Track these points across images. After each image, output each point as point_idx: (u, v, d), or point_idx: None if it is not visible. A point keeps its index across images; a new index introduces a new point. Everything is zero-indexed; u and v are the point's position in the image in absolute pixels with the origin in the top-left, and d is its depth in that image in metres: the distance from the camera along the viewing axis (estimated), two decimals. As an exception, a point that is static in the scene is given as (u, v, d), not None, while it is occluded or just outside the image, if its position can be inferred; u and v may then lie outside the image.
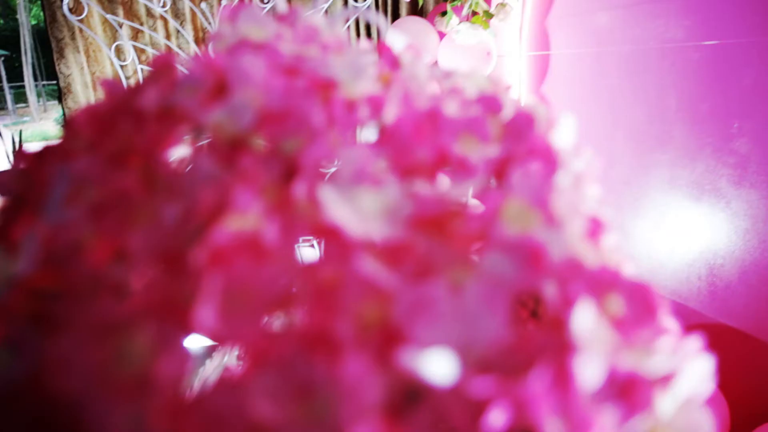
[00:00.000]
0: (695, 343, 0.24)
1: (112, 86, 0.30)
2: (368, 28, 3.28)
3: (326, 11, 3.22)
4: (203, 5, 2.78)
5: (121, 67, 2.77)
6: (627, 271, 0.27)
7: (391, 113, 0.25)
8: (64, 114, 2.87)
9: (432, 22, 2.45)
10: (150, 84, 0.29)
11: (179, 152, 0.26)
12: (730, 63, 1.81)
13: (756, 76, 1.75)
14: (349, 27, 3.17)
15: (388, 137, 0.25)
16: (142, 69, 2.76)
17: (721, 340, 1.97)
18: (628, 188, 2.24)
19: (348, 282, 0.19)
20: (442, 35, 2.42)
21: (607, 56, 2.22)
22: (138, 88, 0.30)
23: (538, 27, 2.51)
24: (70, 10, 2.52)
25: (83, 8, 2.56)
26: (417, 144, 0.24)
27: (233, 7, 0.35)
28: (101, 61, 2.95)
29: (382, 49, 0.35)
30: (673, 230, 2.10)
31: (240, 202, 0.20)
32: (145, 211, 0.22)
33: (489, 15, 2.18)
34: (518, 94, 2.67)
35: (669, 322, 0.27)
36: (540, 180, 0.23)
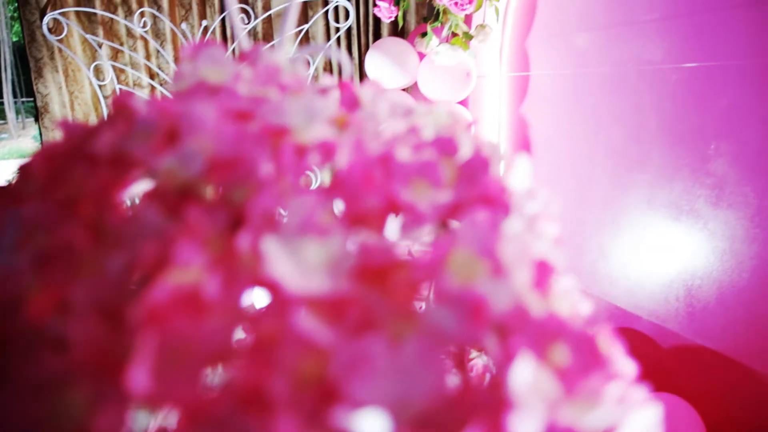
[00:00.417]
0: (643, 392, 0.24)
1: (68, 127, 0.30)
2: (350, 46, 3.31)
3: (307, 32, 3.24)
4: (183, 26, 2.79)
5: (100, 86, 2.76)
6: (579, 316, 0.27)
7: (341, 159, 0.25)
8: (40, 133, 2.86)
9: (412, 42, 2.47)
10: (106, 127, 0.29)
11: (129, 199, 0.26)
12: (707, 85, 1.84)
13: (731, 99, 1.78)
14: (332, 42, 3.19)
15: (338, 184, 0.25)
16: (120, 89, 2.76)
17: (699, 361, 1.98)
18: (607, 208, 2.26)
19: (285, 339, 0.19)
20: (422, 56, 2.44)
21: (587, 77, 2.25)
22: (94, 130, 0.30)
23: (518, 47, 2.54)
24: (50, 29, 2.52)
25: (63, 28, 2.56)
26: (366, 191, 0.25)
27: (195, 45, 0.35)
28: (80, 81, 2.94)
29: (343, 86, 0.35)
30: (651, 250, 2.12)
31: (182, 255, 0.20)
32: (90, 262, 0.22)
33: (468, 36, 2.20)
34: (498, 114, 2.70)
35: (622, 366, 0.27)
36: (488, 228, 0.23)
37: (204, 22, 2.89)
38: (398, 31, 3.35)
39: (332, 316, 0.20)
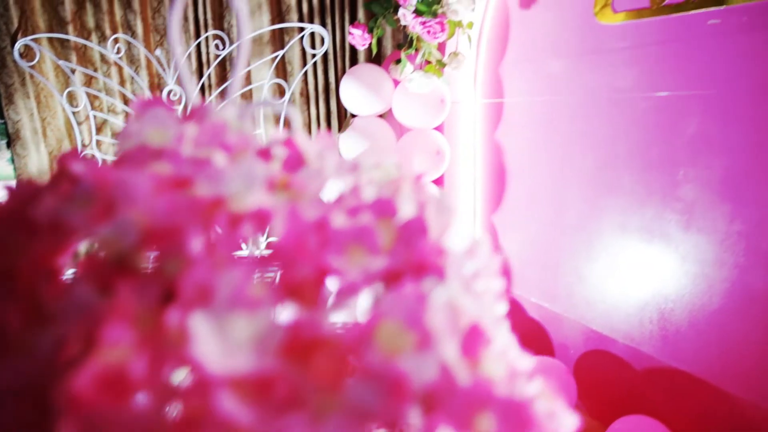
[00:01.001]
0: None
1: (12, 191, 0.30)
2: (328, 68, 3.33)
3: (284, 57, 3.26)
4: (158, 51, 2.79)
5: (74, 113, 2.75)
6: (514, 377, 0.28)
7: (276, 229, 0.26)
8: (12, 159, 2.83)
9: (387, 69, 2.49)
10: (47, 191, 0.29)
11: (66, 268, 0.26)
12: (675, 113, 1.88)
13: (699, 126, 1.81)
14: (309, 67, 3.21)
15: (273, 253, 0.26)
16: (95, 115, 2.74)
17: (673, 383, 2.00)
18: (582, 232, 2.28)
19: (208, 420, 0.19)
20: (397, 82, 2.46)
21: (559, 104, 2.29)
22: (37, 193, 0.30)
23: (492, 74, 2.57)
24: (21, 55, 2.51)
25: (35, 54, 2.55)
26: (300, 261, 0.25)
27: (146, 100, 0.35)
28: (52, 107, 2.93)
29: (289, 144, 0.35)
30: (625, 274, 2.14)
31: (110, 334, 0.21)
32: (21, 341, 0.22)
33: (442, 64, 2.23)
34: (474, 139, 2.72)
35: (561, 422, 0.27)
36: (416, 300, 0.24)
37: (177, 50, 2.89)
38: (375, 56, 3.37)
39: (256, 395, 0.20)
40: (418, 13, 2.10)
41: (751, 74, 1.66)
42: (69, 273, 0.26)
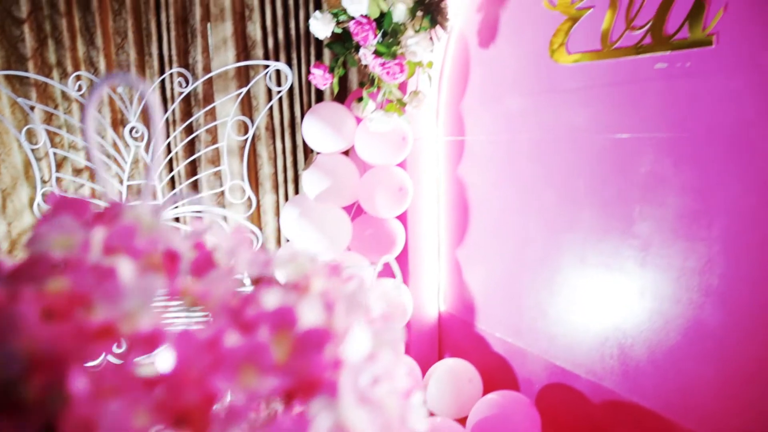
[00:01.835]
0: None
1: None
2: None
3: (249, 92, 3.27)
4: (120, 89, 2.77)
5: (32, 150, 2.71)
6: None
7: (166, 358, 0.26)
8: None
9: (349, 107, 2.51)
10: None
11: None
12: (629, 153, 1.92)
13: (652, 166, 1.86)
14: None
15: (161, 378, 0.25)
16: (54, 152, 2.71)
17: (633, 419, 2.01)
18: (543, 267, 2.31)
19: None
20: (359, 120, 2.48)
21: (519, 141, 2.32)
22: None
23: (454, 111, 2.61)
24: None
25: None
26: (188, 386, 0.25)
27: (59, 200, 0.35)
28: (7, 144, 2.88)
29: (198, 246, 0.35)
30: (586, 309, 2.16)
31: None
32: None
33: (402, 103, 2.25)
34: (437, 176, 2.75)
35: None
36: (300, 427, 0.24)
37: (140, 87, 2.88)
38: (341, 91, 3.40)
39: None
40: (377, 53, 2.13)
41: (697, 117, 1.71)
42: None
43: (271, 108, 3.39)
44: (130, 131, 2.77)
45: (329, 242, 2.42)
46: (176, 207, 3.19)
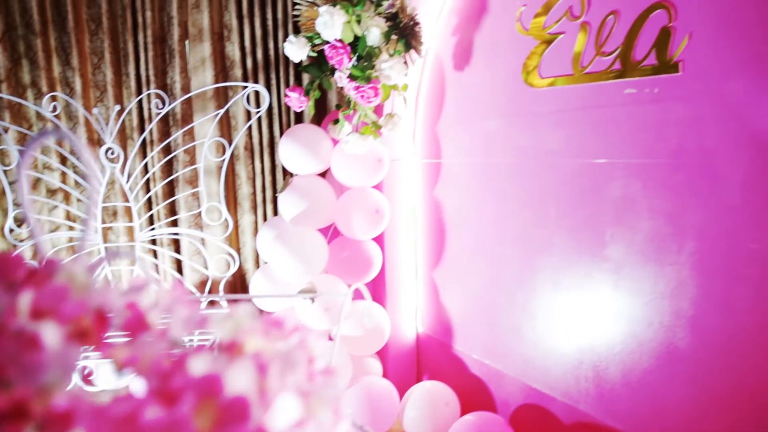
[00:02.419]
0: None
1: None
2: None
3: (228, 112, 3.26)
4: (96, 110, 2.76)
5: (5, 171, 2.68)
6: None
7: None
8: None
9: (326, 128, 2.51)
10: None
11: None
12: (601, 177, 1.93)
13: (622, 191, 1.87)
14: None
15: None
16: (28, 174, 2.68)
17: (607, 442, 2.01)
18: (518, 290, 2.31)
19: None
20: (336, 142, 2.48)
21: (494, 164, 2.33)
22: None
23: (430, 133, 2.62)
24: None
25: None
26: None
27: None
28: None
29: (131, 307, 0.35)
30: (561, 332, 2.16)
31: None
32: None
33: (377, 126, 2.26)
34: (414, 197, 2.75)
35: None
36: None
37: (116, 107, 2.86)
38: (319, 110, 3.40)
39: None
40: (352, 77, 2.13)
41: (665, 143, 1.72)
42: None
43: (250, 128, 3.38)
44: (106, 152, 2.75)
45: (305, 265, 2.41)
46: (152, 229, 3.16)
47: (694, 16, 1.61)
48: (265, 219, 3.51)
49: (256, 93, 3.20)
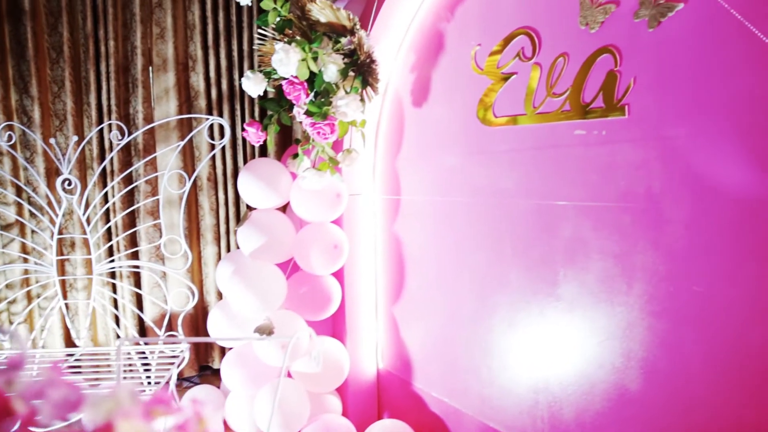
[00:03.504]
0: None
1: None
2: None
3: (192, 141, 3.23)
4: (53, 140, 2.72)
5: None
6: None
7: None
8: None
9: (285, 163, 2.49)
10: None
11: None
12: (552, 217, 1.94)
13: (573, 231, 1.87)
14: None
15: None
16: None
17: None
18: (476, 327, 2.29)
19: None
20: (295, 176, 2.46)
21: (452, 201, 2.33)
22: None
23: (390, 168, 2.61)
24: None
25: None
26: None
27: None
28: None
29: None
30: (517, 371, 2.14)
31: None
32: None
33: (335, 162, 2.24)
34: (374, 231, 2.73)
35: None
36: None
37: (74, 138, 2.82)
38: (287, 142, 3.38)
39: None
40: (308, 113, 2.12)
41: (613, 184, 1.73)
42: None
43: (213, 159, 3.36)
44: (63, 183, 2.70)
45: (262, 300, 2.38)
46: (112, 261, 3.11)
47: (638, 61, 1.63)
48: (228, 250, 3.47)
49: (221, 129, 3.19)
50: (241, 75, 3.28)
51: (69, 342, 3.17)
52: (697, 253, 1.56)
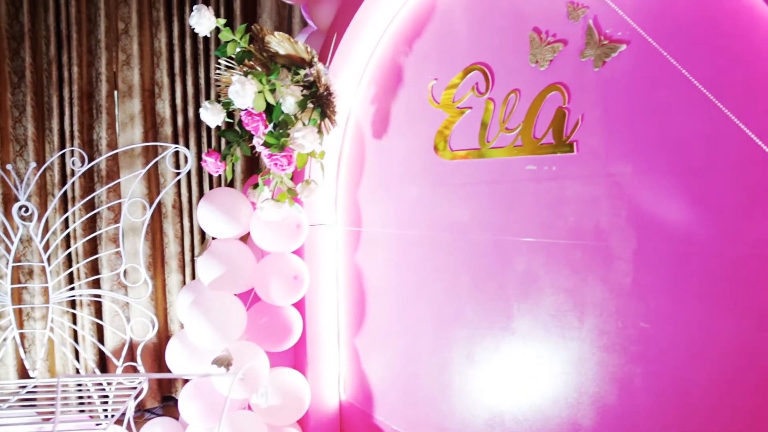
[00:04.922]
0: None
1: None
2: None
3: (157, 167, 3.21)
4: (10, 166, 2.68)
5: None
6: None
7: None
8: None
9: (246, 192, 2.48)
10: None
11: None
12: (506, 251, 1.94)
13: (526, 266, 1.88)
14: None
15: None
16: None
17: None
18: (434, 360, 2.27)
19: None
20: (255, 206, 2.44)
21: (410, 234, 2.32)
22: None
23: (351, 199, 2.61)
24: None
25: None
26: None
27: None
28: None
29: None
30: (474, 405, 2.13)
31: None
32: None
33: (293, 193, 2.23)
34: (335, 261, 2.72)
35: None
36: None
37: (33, 164, 2.78)
38: (253, 170, 3.37)
39: None
40: (266, 145, 2.12)
41: (563, 220, 1.74)
42: None
43: (179, 185, 3.34)
44: (19, 210, 2.66)
45: (221, 331, 2.34)
46: (71, 289, 3.06)
47: (586, 99, 1.65)
48: (193, 278, 3.43)
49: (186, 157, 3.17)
50: (207, 102, 3.27)
51: (23, 373, 3.10)
52: (642, 290, 1.57)
